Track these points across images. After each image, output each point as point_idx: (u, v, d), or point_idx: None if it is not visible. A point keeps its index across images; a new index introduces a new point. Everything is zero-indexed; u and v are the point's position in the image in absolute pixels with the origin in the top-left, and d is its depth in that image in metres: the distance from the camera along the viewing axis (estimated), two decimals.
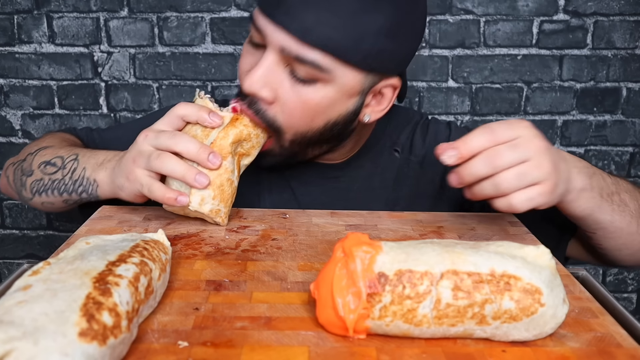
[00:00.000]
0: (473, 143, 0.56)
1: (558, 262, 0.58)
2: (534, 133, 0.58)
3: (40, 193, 0.78)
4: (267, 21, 0.66)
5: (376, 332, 0.45)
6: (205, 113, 0.67)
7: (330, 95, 0.69)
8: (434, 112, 1.48)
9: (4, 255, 1.60)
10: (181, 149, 0.65)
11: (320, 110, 0.70)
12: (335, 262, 0.46)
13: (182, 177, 0.64)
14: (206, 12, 1.43)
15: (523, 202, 0.57)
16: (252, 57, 0.71)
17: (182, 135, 0.66)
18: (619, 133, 1.50)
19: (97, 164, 0.74)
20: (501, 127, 0.57)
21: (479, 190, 0.58)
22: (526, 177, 0.56)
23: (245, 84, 0.68)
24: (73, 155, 0.77)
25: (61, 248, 0.60)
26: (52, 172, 0.77)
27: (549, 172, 0.57)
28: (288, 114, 0.70)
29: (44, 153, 0.80)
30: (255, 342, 0.44)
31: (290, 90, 0.69)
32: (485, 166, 0.56)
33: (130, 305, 0.42)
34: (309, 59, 0.65)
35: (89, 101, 1.49)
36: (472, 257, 0.44)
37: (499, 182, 0.56)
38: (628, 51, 1.45)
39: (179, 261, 0.59)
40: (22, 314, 0.37)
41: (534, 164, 0.56)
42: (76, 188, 0.75)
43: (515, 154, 0.55)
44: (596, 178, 0.66)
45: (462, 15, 1.43)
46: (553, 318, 0.44)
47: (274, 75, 0.68)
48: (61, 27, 1.44)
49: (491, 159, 0.56)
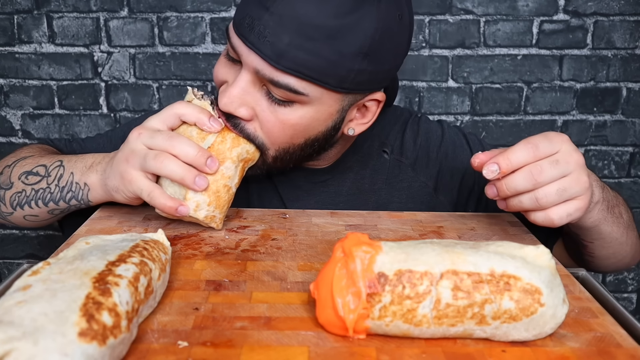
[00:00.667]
0: (516, 159, 0.57)
1: (558, 262, 0.58)
2: (573, 147, 0.58)
3: (22, 206, 0.73)
4: (240, 42, 0.65)
5: (376, 332, 0.45)
6: (205, 116, 0.65)
7: (308, 115, 0.68)
8: (434, 112, 1.48)
9: (4, 255, 1.60)
10: (178, 151, 0.62)
11: (299, 129, 0.69)
12: (335, 262, 0.46)
13: (180, 179, 0.62)
14: (206, 12, 1.43)
15: (562, 218, 0.58)
16: (228, 70, 0.70)
17: (179, 137, 0.63)
18: (619, 133, 1.50)
19: (85, 167, 0.70)
20: (542, 142, 0.58)
21: (517, 203, 0.59)
22: (566, 192, 0.57)
23: (222, 102, 0.67)
24: (57, 162, 0.73)
25: (61, 248, 0.60)
26: (35, 182, 0.72)
27: (587, 187, 0.58)
28: (267, 132, 0.69)
29: (24, 163, 0.75)
30: (255, 342, 0.44)
31: (267, 110, 0.67)
32: (527, 181, 0.57)
33: (130, 305, 0.42)
34: (284, 83, 0.64)
35: (89, 101, 1.49)
36: (471, 257, 0.44)
37: (540, 196, 0.57)
38: (628, 51, 1.45)
39: (179, 261, 0.59)
40: (21, 314, 0.37)
41: (573, 178, 0.57)
42: (64, 195, 0.71)
43: (557, 170, 0.56)
44: (605, 191, 0.68)
45: (462, 15, 1.43)
46: (553, 318, 0.44)
47: (250, 95, 0.67)
48: (61, 27, 1.44)
49: (533, 175, 0.56)
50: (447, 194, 0.85)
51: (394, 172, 0.85)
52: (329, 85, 0.65)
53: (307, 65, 0.63)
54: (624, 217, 0.72)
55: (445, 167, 0.85)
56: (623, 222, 0.71)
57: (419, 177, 0.85)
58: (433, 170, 0.85)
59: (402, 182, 0.85)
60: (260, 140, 0.69)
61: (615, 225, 0.70)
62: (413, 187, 0.84)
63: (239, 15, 0.66)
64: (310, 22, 0.61)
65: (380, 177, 0.84)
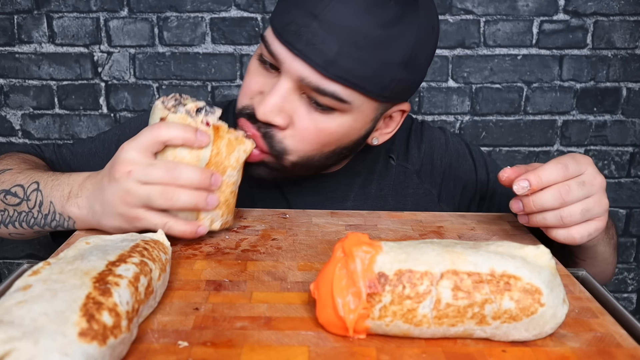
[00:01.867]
0: (546, 177, 0.58)
1: (558, 262, 0.58)
2: (596, 170, 0.61)
3: (6, 225, 0.69)
4: (285, 49, 0.65)
5: (376, 332, 0.45)
6: (191, 134, 0.58)
7: (346, 123, 0.69)
8: (434, 112, 1.48)
9: (4, 255, 1.60)
10: (183, 181, 0.58)
11: (335, 138, 0.70)
12: (335, 262, 0.46)
13: (194, 206, 0.59)
14: (206, 12, 1.43)
15: (583, 237, 0.60)
16: (263, 78, 0.70)
17: (177, 166, 0.58)
18: (619, 133, 1.50)
19: (64, 198, 0.64)
20: (571, 163, 0.59)
21: (541, 219, 0.60)
22: (589, 212, 0.59)
23: (260, 111, 0.67)
24: (34, 184, 0.67)
25: (61, 248, 0.60)
26: (15, 203, 0.68)
27: (606, 210, 0.61)
28: (300, 140, 0.69)
29: (2, 179, 0.70)
30: (255, 342, 0.44)
31: (307, 118, 0.68)
32: (554, 200, 0.58)
33: (130, 305, 0.42)
34: (330, 91, 0.65)
35: (89, 101, 1.49)
36: (472, 257, 0.44)
37: (565, 215, 0.59)
38: (628, 51, 1.45)
39: (179, 261, 0.59)
40: (22, 314, 0.37)
41: (596, 200, 0.59)
42: (48, 222, 0.67)
43: (583, 191, 0.59)
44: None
45: (462, 15, 1.43)
46: (553, 318, 0.44)
47: (289, 103, 0.67)
48: (61, 27, 1.44)
49: (561, 194, 0.58)
50: (450, 203, 0.86)
51: (399, 178, 0.85)
52: (371, 93, 0.66)
53: (354, 74, 0.64)
54: (614, 239, 0.74)
55: (449, 176, 0.86)
56: (613, 243, 0.74)
57: (424, 185, 0.85)
58: (437, 178, 0.86)
59: (408, 188, 0.85)
60: (284, 146, 0.70)
61: (608, 245, 0.72)
62: (418, 194, 0.85)
63: (281, 22, 0.66)
64: (359, 31, 0.62)
65: (387, 183, 0.85)
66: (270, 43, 0.67)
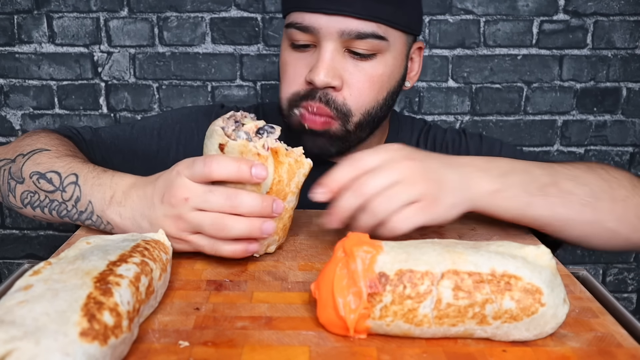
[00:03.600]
0: (338, 176, 0.56)
1: (558, 262, 0.58)
2: (403, 154, 0.57)
3: (34, 207, 0.68)
4: (319, 15, 0.74)
5: (377, 332, 0.45)
6: (246, 173, 0.54)
7: (390, 62, 0.78)
8: (434, 112, 1.48)
9: (4, 255, 1.60)
10: (243, 210, 0.55)
11: (385, 81, 0.78)
12: (336, 262, 0.46)
13: (248, 235, 0.55)
14: (206, 12, 1.43)
15: (402, 222, 0.56)
16: (301, 60, 0.77)
17: (238, 194, 0.55)
18: (619, 133, 1.50)
19: (105, 201, 0.62)
20: (365, 155, 0.57)
21: (361, 223, 0.56)
22: (398, 198, 0.55)
23: (317, 79, 0.74)
24: (72, 177, 0.65)
25: (62, 248, 0.60)
26: (48, 190, 0.66)
27: (424, 189, 0.56)
28: (357, 94, 0.77)
29: (38, 160, 0.69)
30: (256, 342, 0.44)
31: (355, 70, 0.76)
32: (355, 198, 0.55)
33: (131, 305, 0.42)
34: (370, 32, 0.74)
35: (89, 101, 1.49)
36: (472, 257, 0.44)
37: (372, 208, 0.55)
38: (628, 51, 1.45)
39: (180, 261, 0.59)
40: (23, 313, 0.37)
41: (404, 184, 0.55)
42: (83, 220, 0.65)
43: (381, 179, 0.55)
44: (515, 175, 0.62)
45: (462, 15, 1.43)
46: (553, 318, 0.44)
47: (337, 62, 0.75)
48: (61, 27, 1.44)
49: (358, 189, 0.55)
50: None
51: None
52: (400, 25, 0.76)
53: (381, 10, 0.74)
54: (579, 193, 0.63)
55: None
56: (577, 198, 0.63)
57: None
58: None
59: None
60: (348, 108, 0.77)
61: (558, 206, 0.63)
62: None
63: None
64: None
65: None
66: (301, 20, 0.75)
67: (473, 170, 0.61)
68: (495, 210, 0.62)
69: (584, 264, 1.59)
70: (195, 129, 0.92)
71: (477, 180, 0.60)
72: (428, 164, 0.58)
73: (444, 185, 0.58)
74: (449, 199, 0.58)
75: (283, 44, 0.81)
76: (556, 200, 0.63)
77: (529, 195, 0.62)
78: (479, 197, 0.60)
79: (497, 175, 0.61)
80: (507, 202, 0.61)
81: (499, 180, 0.61)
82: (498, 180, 0.61)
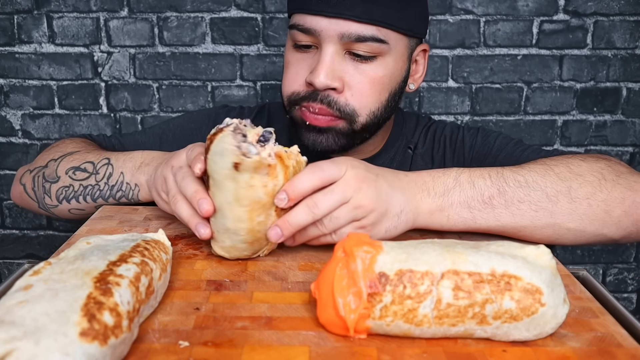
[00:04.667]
0: (302, 185, 0.56)
1: (558, 262, 0.58)
2: (358, 173, 0.58)
3: (69, 200, 0.76)
4: (320, 18, 0.74)
5: (377, 332, 0.45)
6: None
7: (390, 64, 0.78)
8: (434, 112, 1.48)
9: (4, 255, 1.60)
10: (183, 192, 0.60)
11: (386, 82, 0.79)
12: (336, 262, 0.46)
13: (186, 222, 0.59)
14: (206, 12, 1.43)
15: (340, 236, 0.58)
16: (303, 61, 0.78)
17: (185, 178, 0.59)
18: (619, 133, 1.50)
19: (135, 168, 0.73)
20: (326, 165, 0.57)
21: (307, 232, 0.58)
22: (343, 219, 0.57)
23: (317, 81, 0.74)
24: (105, 160, 0.76)
25: (62, 248, 0.60)
26: (83, 177, 0.75)
27: (369, 213, 0.58)
28: (359, 95, 0.77)
29: (71, 159, 0.78)
30: (256, 342, 0.44)
31: (356, 72, 0.77)
32: (306, 215, 0.56)
33: (131, 305, 0.42)
34: (369, 35, 0.74)
35: (89, 101, 1.49)
36: (472, 257, 0.44)
37: (319, 224, 0.57)
38: (628, 51, 1.45)
39: (180, 261, 0.59)
40: (23, 313, 0.37)
41: (352, 206, 0.57)
42: (114, 194, 0.74)
43: (332, 200, 0.56)
44: (457, 191, 0.63)
45: (462, 15, 1.43)
46: (553, 318, 0.44)
47: (338, 64, 0.76)
48: (61, 27, 1.44)
49: (310, 208, 0.56)
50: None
51: (414, 164, 0.92)
52: (401, 29, 0.76)
53: (383, 13, 0.74)
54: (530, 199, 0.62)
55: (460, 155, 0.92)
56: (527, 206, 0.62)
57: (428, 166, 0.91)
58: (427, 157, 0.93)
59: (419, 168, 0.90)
60: (352, 108, 0.77)
61: (506, 216, 0.62)
62: None
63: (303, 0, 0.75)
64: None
65: (404, 169, 0.91)
66: (303, 22, 0.76)
67: (417, 191, 0.62)
68: (439, 227, 0.64)
69: (584, 264, 1.59)
70: (195, 130, 0.94)
71: (419, 202, 0.62)
72: (379, 185, 0.59)
73: (389, 208, 0.60)
74: (390, 222, 0.60)
75: (287, 43, 0.82)
76: (503, 211, 0.63)
77: (471, 210, 0.63)
78: (420, 218, 0.63)
79: (439, 194, 0.63)
80: (450, 220, 0.63)
81: (440, 200, 0.63)
82: (439, 200, 0.63)
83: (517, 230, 0.64)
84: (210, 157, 0.54)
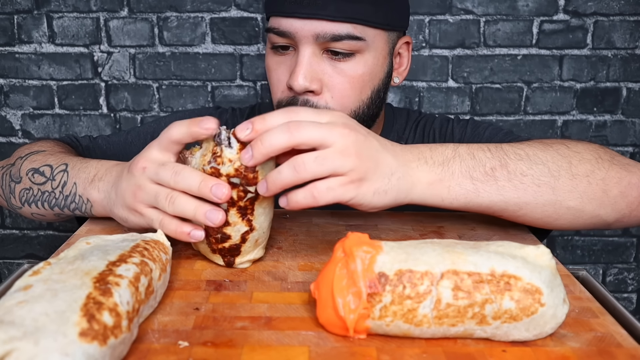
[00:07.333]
0: (269, 119, 0.51)
1: (558, 262, 0.58)
2: (345, 121, 0.53)
3: (29, 203, 0.71)
4: (294, 20, 0.73)
5: (376, 332, 0.45)
6: (195, 126, 0.53)
7: (369, 62, 0.76)
8: (434, 112, 1.48)
9: (4, 255, 1.60)
10: (183, 186, 0.54)
11: (366, 80, 0.77)
12: (336, 262, 0.46)
13: (193, 216, 0.54)
14: (206, 12, 1.43)
15: (324, 193, 0.51)
16: (282, 64, 0.77)
17: (183, 170, 0.54)
18: (619, 133, 1.50)
19: (88, 180, 0.66)
20: (305, 110, 0.53)
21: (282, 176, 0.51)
22: (327, 162, 0.50)
23: (296, 84, 0.73)
24: (62, 166, 0.69)
25: (61, 248, 0.60)
26: (40, 182, 0.70)
27: (356, 164, 0.51)
28: (339, 96, 0.76)
29: (34, 159, 0.73)
30: (255, 342, 0.44)
31: (334, 73, 0.75)
32: (283, 134, 0.49)
33: (131, 305, 0.42)
34: (345, 33, 0.73)
35: (89, 101, 1.49)
36: (472, 257, 0.44)
37: (298, 164, 0.50)
38: (628, 51, 1.45)
39: (179, 261, 0.59)
40: (22, 314, 0.37)
41: (337, 152, 0.51)
42: (68, 204, 0.68)
43: (316, 132, 0.50)
44: (458, 161, 0.58)
45: (462, 15, 1.43)
46: (553, 318, 0.44)
47: (316, 65, 0.74)
48: (61, 27, 1.44)
49: (290, 128, 0.50)
50: None
51: None
52: (377, 24, 0.75)
53: (357, 10, 0.73)
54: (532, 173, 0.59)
55: None
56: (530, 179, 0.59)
57: None
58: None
59: None
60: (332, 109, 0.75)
61: (509, 190, 0.59)
62: None
63: (278, 1, 0.74)
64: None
65: None
66: (278, 25, 0.75)
67: (412, 158, 0.57)
68: (438, 201, 0.58)
69: (584, 264, 1.59)
70: None
71: (415, 171, 0.56)
72: (368, 140, 0.54)
73: (378, 166, 0.53)
74: (380, 183, 0.54)
75: (267, 47, 0.81)
76: (506, 184, 0.59)
77: (474, 182, 0.58)
78: (417, 189, 0.56)
79: (438, 163, 0.58)
80: (451, 192, 0.58)
81: (439, 169, 0.57)
82: (438, 169, 0.57)
83: (519, 207, 0.60)
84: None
